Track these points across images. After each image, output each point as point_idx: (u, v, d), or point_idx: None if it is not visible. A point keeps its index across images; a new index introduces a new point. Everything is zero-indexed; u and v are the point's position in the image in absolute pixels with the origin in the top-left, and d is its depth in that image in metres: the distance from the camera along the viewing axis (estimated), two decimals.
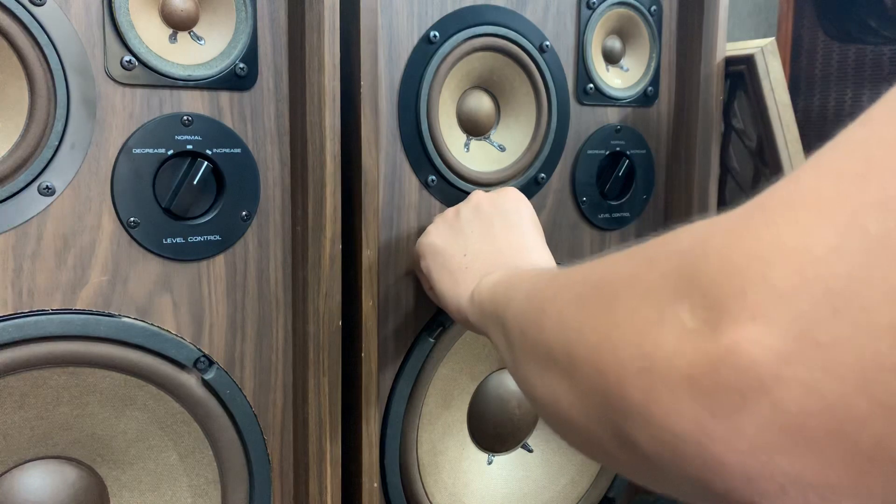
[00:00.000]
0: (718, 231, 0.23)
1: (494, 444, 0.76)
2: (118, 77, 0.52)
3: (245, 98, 0.57)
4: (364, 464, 0.64)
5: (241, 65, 0.56)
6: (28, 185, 0.50)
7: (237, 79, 0.56)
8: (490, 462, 0.75)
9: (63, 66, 0.50)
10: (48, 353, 0.50)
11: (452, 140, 0.67)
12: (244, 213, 0.58)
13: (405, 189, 0.65)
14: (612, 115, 0.76)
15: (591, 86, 0.73)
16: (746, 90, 0.80)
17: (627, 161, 0.77)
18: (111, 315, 0.53)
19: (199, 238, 0.56)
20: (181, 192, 0.54)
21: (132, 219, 0.53)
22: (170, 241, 0.55)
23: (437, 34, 0.64)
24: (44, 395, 0.51)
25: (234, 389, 0.58)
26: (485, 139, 0.70)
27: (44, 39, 0.49)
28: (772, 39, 0.78)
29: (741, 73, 0.79)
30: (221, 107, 0.56)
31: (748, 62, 0.77)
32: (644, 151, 0.79)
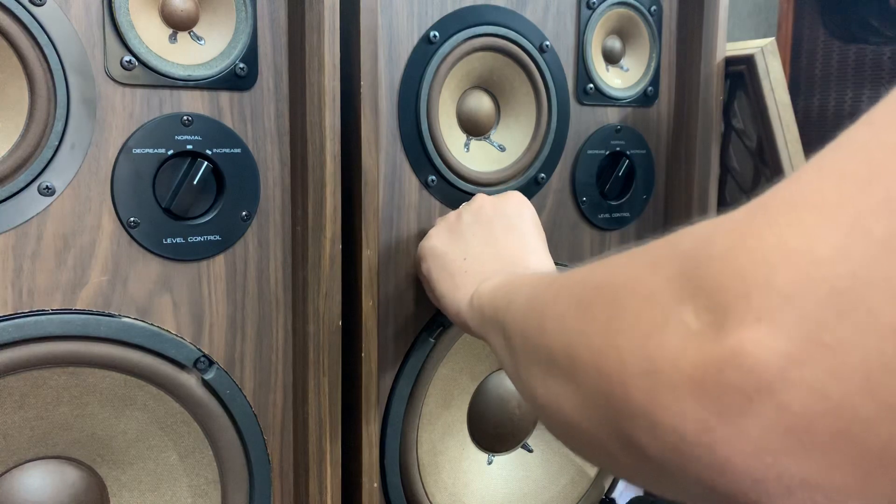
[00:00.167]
0: (721, 233, 0.23)
1: (494, 444, 0.76)
2: (118, 77, 0.52)
3: (245, 98, 0.57)
4: (364, 464, 0.64)
5: (241, 65, 0.56)
6: (28, 185, 0.50)
7: (237, 79, 0.56)
8: (490, 462, 0.75)
9: (63, 66, 0.50)
10: (48, 353, 0.50)
11: (452, 140, 0.67)
12: (244, 213, 0.58)
13: (405, 189, 0.65)
14: (612, 115, 0.76)
15: (591, 86, 0.73)
16: (746, 90, 0.80)
17: (627, 161, 0.77)
18: (111, 315, 0.53)
19: (199, 238, 0.56)
20: (181, 192, 0.54)
21: (132, 219, 0.53)
22: (170, 241, 0.55)
23: (437, 34, 0.64)
24: (44, 395, 0.51)
25: (234, 389, 0.58)
26: (485, 139, 0.70)
27: (44, 39, 0.49)
28: (772, 39, 0.78)
29: (741, 73, 0.79)
30: (221, 107, 0.56)
31: (748, 62, 0.77)
32: (644, 151, 0.79)
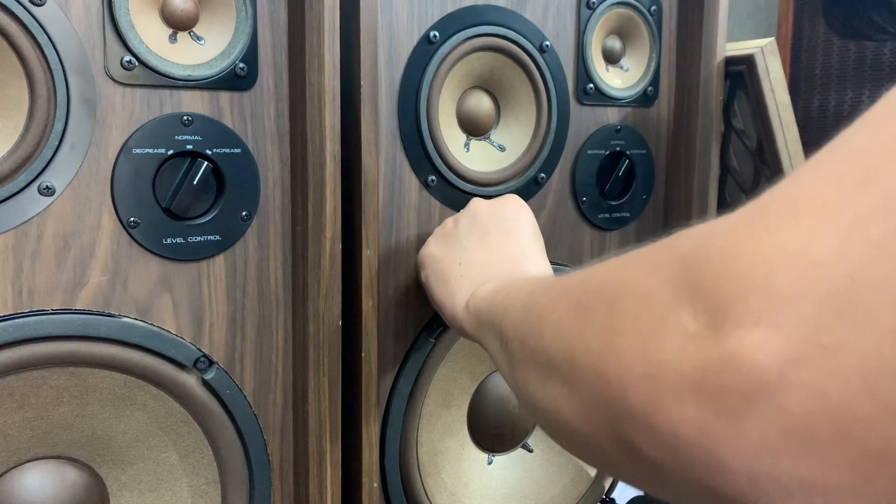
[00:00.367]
0: (719, 235, 0.23)
1: (494, 444, 0.76)
2: (118, 77, 0.52)
3: (245, 98, 0.57)
4: (364, 464, 0.64)
5: (241, 65, 0.56)
6: (28, 185, 0.50)
7: (237, 79, 0.56)
8: (490, 462, 0.75)
9: (63, 66, 0.50)
10: (48, 353, 0.50)
11: (452, 140, 0.67)
12: (244, 214, 0.58)
13: (405, 189, 0.65)
14: (612, 115, 0.76)
15: (591, 86, 0.73)
16: (746, 90, 0.80)
17: (627, 161, 0.77)
18: (111, 315, 0.53)
19: (199, 238, 0.56)
20: (181, 192, 0.54)
21: (132, 219, 0.53)
22: (170, 241, 0.55)
23: (437, 34, 0.64)
24: (44, 395, 0.51)
25: (234, 389, 0.58)
26: (485, 139, 0.70)
27: (44, 39, 0.49)
28: (772, 39, 0.78)
29: (741, 73, 0.79)
30: (221, 107, 0.56)
31: (748, 62, 0.77)
32: (644, 151, 0.79)
